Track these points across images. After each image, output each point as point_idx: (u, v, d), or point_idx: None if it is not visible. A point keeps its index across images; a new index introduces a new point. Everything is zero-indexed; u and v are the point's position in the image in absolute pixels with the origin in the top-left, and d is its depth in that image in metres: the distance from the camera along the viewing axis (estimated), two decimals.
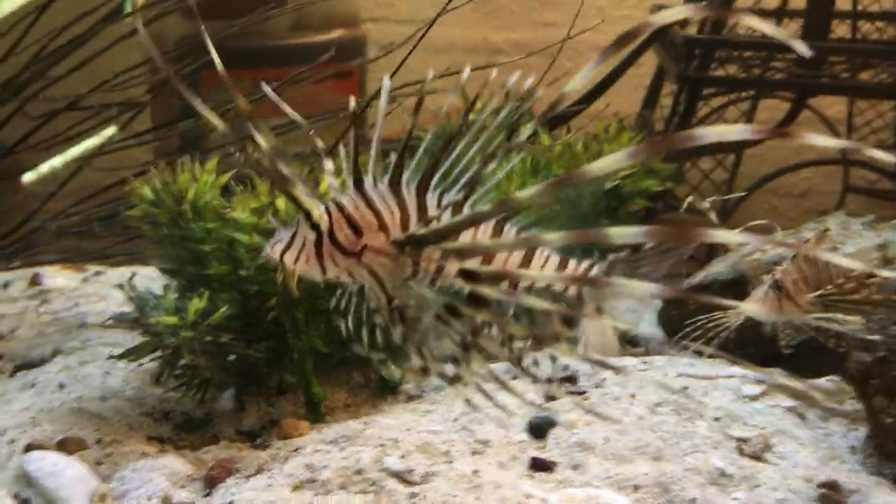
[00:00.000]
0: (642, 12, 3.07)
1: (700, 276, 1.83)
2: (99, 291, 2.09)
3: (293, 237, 1.10)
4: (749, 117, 2.46)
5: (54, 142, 1.99)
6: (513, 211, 1.17)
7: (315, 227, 1.08)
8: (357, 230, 1.10)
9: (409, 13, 3.42)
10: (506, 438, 1.37)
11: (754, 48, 2.36)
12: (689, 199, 1.74)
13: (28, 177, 2.33)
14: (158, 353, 1.47)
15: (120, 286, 1.47)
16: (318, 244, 1.09)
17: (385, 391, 1.64)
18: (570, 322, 1.19)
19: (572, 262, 1.21)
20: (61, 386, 1.62)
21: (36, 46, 1.94)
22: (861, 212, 2.79)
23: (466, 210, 1.13)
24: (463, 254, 1.09)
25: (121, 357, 1.46)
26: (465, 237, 1.12)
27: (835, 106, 2.94)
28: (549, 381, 1.51)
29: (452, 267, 1.10)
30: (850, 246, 1.76)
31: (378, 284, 1.13)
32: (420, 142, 1.17)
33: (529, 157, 1.80)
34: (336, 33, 2.73)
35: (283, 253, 1.09)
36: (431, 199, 1.13)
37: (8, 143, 2.10)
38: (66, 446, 1.41)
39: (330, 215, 1.09)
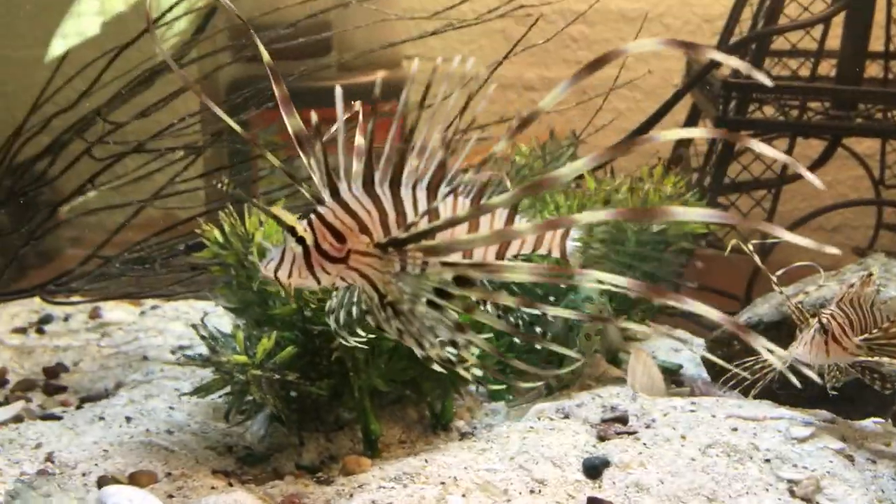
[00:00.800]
0: (672, 52, 3.13)
1: (744, 317, 1.87)
2: (157, 325, 2.17)
3: (283, 254, 1.17)
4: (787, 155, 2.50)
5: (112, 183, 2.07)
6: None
7: (301, 241, 1.16)
8: (340, 237, 1.17)
9: (441, 51, 3.51)
10: (562, 477, 1.42)
11: (791, 92, 2.41)
12: (734, 241, 1.79)
13: (66, 210, 2.42)
14: (227, 390, 1.53)
15: (193, 326, 1.53)
16: (307, 256, 1.16)
17: (437, 428, 1.69)
18: None
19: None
20: (128, 419, 1.68)
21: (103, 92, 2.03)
22: (893, 248, 2.81)
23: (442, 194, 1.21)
24: (442, 251, 1.16)
25: (193, 394, 1.52)
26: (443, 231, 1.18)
27: (867, 142, 2.97)
28: (603, 422, 1.57)
29: (435, 260, 1.17)
30: (892, 289, 1.79)
31: (369, 284, 1.20)
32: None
33: (575, 201, 1.86)
34: (379, 75, 2.81)
35: (276, 271, 1.17)
36: (406, 192, 1.21)
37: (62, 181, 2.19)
38: (138, 479, 1.47)
39: (313, 227, 1.17)
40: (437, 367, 1.21)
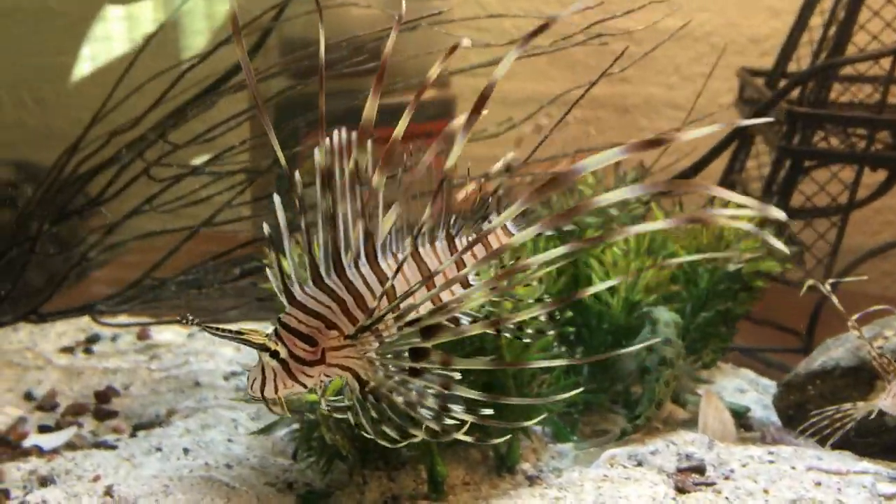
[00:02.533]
0: (723, 70, 3.07)
1: (819, 360, 1.80)
2: (207, 348, 2.12)
3: (263, 371, 1.17)
4: (853, 187, 2.44)
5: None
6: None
7: (275, 354, 1.16)
8: (310, 340, 1.17)
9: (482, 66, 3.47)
10: None
11: (856, 123, 2.35)
12: (811, 281, 1.72)
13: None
14: (294, 427, 1.48)
15: None
16: (286, 368, 1.16)
17: (502, 470, 1.63)
18: None
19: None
20: (186, 451, 1.64)
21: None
22: None
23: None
24: (406, 314, 1.17)
25: (260, 432, 1.48)
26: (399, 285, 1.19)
27: None
28: (679, 471, 1.51)
29: (402, 322, 1.17)
30: None
31: (352, 374, 1.20)
32: None
33: (647, 236, 1.80)
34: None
35: (262, 390, 1.17)
36: (352, 274, 1.20)
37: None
38: None
39: (282, 338, 1.16)
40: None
